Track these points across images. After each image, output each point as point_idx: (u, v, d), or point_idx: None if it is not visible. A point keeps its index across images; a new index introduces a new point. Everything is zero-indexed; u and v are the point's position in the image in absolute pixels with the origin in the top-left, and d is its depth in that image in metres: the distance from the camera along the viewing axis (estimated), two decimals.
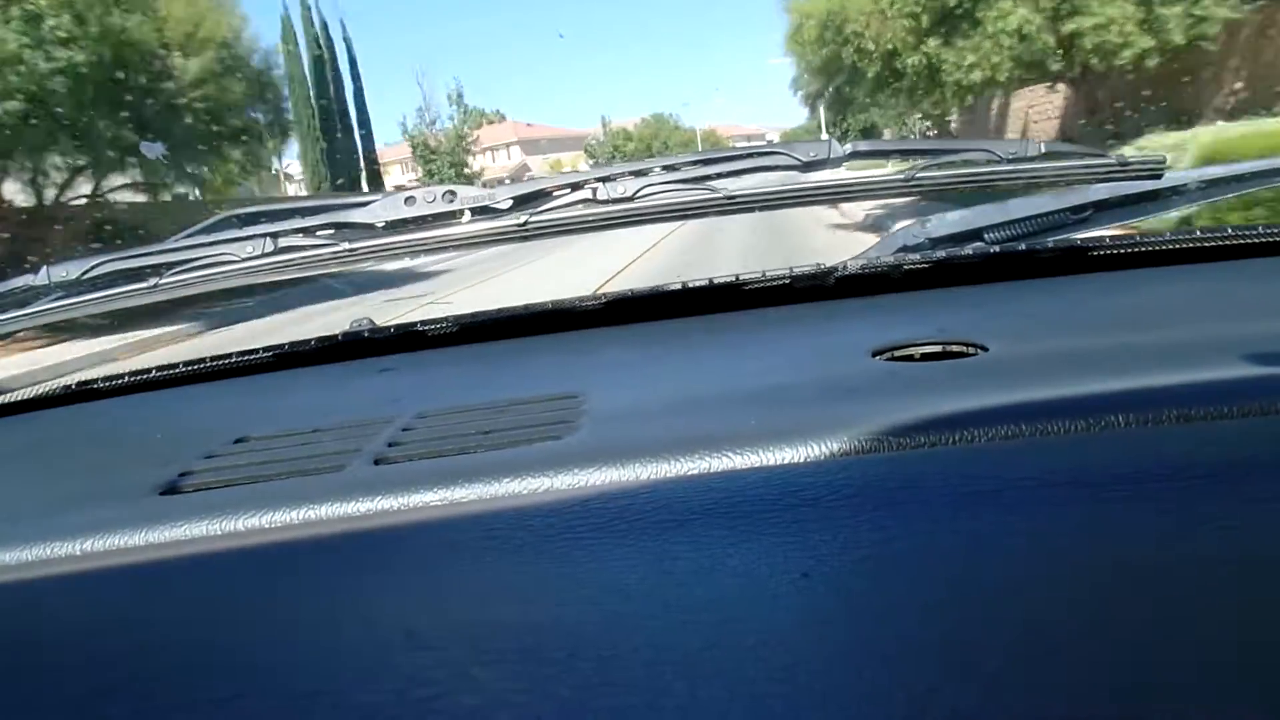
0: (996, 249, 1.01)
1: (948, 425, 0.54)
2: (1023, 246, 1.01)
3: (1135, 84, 11.44)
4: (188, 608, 0.43)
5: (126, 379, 1.05)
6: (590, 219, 0.95)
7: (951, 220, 1.13)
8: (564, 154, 52.75)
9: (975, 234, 1.08)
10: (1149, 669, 0.30)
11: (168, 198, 13.96)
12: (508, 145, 58.54)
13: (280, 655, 0.37)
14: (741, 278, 1.01)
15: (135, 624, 0.42)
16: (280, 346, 1.06)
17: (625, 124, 56.50)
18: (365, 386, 0.94)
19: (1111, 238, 1.02)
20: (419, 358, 1.04)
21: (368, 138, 30.20)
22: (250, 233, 0.95)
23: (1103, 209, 1.06)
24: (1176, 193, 1.05)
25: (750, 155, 0.98)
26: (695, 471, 0.53)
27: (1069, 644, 0.32)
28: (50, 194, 11.64)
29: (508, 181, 0.98)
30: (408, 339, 1.05)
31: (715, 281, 1.02)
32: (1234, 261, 0.98)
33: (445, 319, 1.05)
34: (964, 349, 0.73)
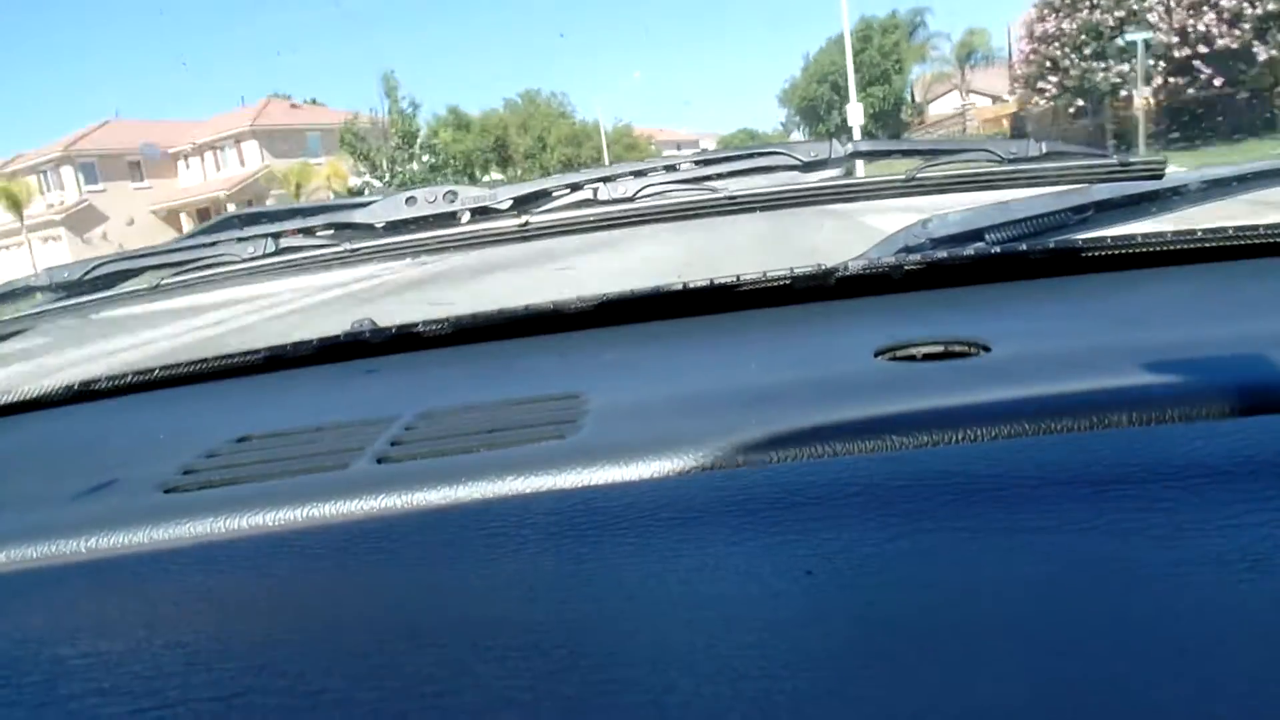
0: (998, 249, 1.01)
1: (950, 425, 0.54)
2: (1024, 247, 1.01)
3: None
4: (189, 606, 0.43)
5: (129, 378, 1.05)
6: (591, 220, 0.95)
7: (953, 220, 1.13)
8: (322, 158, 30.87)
9: (976, 234, 1.08)
10: (1151, 668, 0.30)
11: None
12: (237, 140, 33.52)
13: (283, 653, 0.37)
14: (742, 278, 1.01)
15: (137, 622, 0.42)
16: (282, 346, 1.06)
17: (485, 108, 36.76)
18: (368, 386, 0.94)
19: (1113, 238, 1.02)
20: (422, 357, 1.04)
21: None
22: (251, 233, 0.96)
23: (1104, 209, 1.06)
24: (1178, 193, 1.05)
25: (751, 156, 0.98)
26: (697, 470, 0.53)
27: (1072, 643, 0.32)
28: None
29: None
30: (409, 339, 1.05)
31: (716, 282, 1.02)
32: (1235, 261, 0.98)
33: (446, 319, 1.05)
34: (966, 349, 0.73)
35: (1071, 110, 20.26)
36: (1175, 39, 16.50)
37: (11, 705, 0.34)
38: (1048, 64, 19.93)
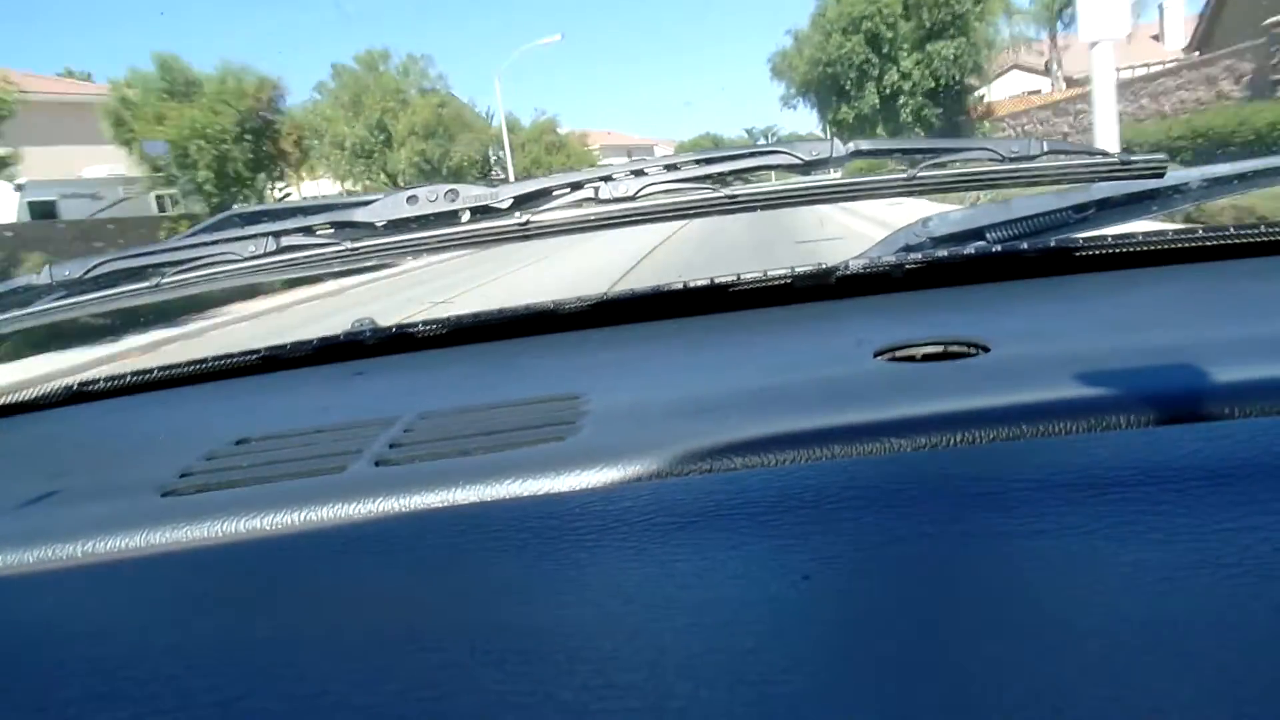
0: (998, 248, 1.01)
1: (949, 426, 0.54)
2: (1025, 245, 1.01)
3: None
4: (188, 609, 0.43)
5: (128, 379, 1.05)
6: (591, 219, 0.95)
7: (954, 219, 1.13)
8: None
9: (977, 233, 1.07)
10: (1151, 671, 0.30)
11: None
12: None
13: (282, 657, 0.37)
14: (742, 277, 1.01)
15: (136, 625, 0.42)
16: (282, 347, 1.06)
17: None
18: (367, 387, 0.94)
19: (1114, 236, 1.02)
20: (421, 358, 1.04)
21: None
22: (252, 231, 0.95)
23: (1105, 208, 1.06)
24: (1179, 191, 1.05)
25: (752, 154, 0.98)
26: (696, 473, 0.53)
27: (1070, 645, 0.32)
28: None
29: None
30: (409, 340, 1.05)
31: (716, 281, 1.02)
32: (1235, 260, 0.98)
33: (445, 320, 1.05)
34: (966, 349, 0.73)
35: None
36: None
37: (9, 710, 0.34)
38: None
